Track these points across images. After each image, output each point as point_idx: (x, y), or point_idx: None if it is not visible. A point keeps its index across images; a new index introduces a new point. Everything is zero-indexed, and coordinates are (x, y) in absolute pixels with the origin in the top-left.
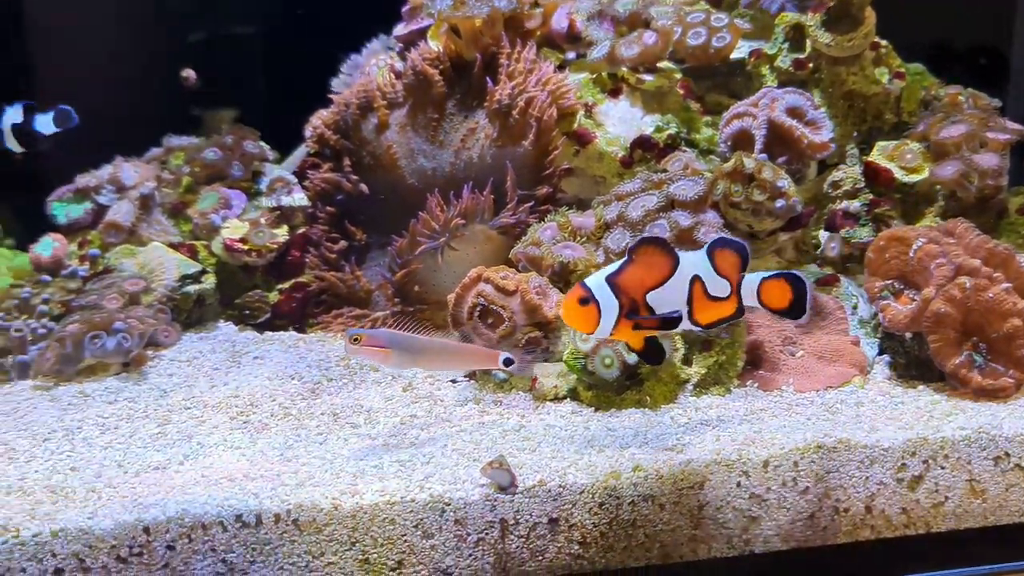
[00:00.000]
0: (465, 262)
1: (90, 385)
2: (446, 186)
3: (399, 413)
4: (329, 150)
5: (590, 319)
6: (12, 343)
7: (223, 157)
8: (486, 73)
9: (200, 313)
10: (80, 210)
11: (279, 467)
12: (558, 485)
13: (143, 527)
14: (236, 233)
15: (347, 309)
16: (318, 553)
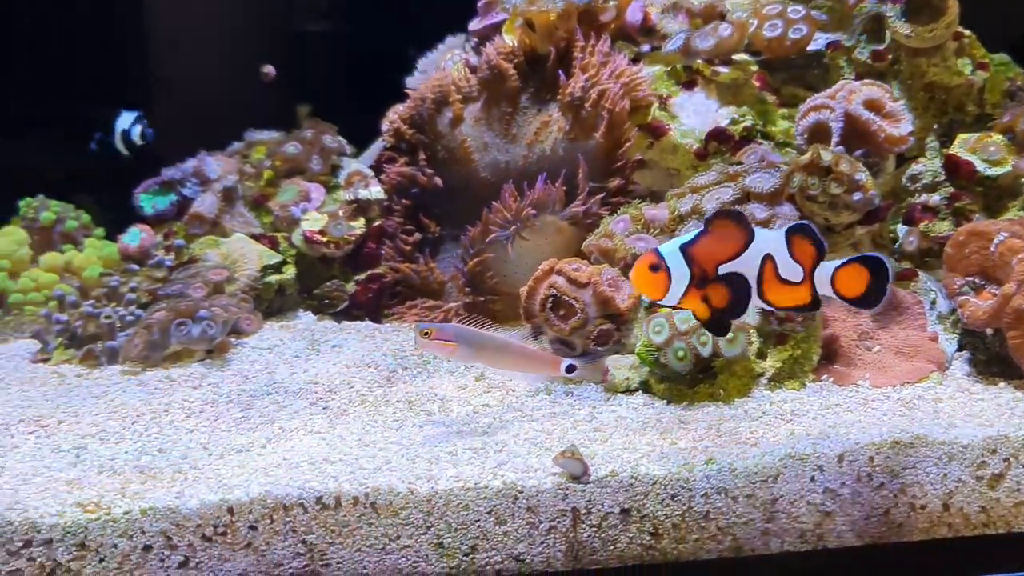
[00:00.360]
0: (536, 253)
1: (176, 370)
2: (519, 179)
3: (472, 402)
4: (405, 144)
5: (659, 286)
6: (102, 329)
7: (303, 151)
8: (560, 66)
9: (281, 302)
10: (166, 202)
11: (357, 451)
12: (630, 476)
13: (227, 507)
14: (315, 225)
15: (420, 300)
16: (394, 536)
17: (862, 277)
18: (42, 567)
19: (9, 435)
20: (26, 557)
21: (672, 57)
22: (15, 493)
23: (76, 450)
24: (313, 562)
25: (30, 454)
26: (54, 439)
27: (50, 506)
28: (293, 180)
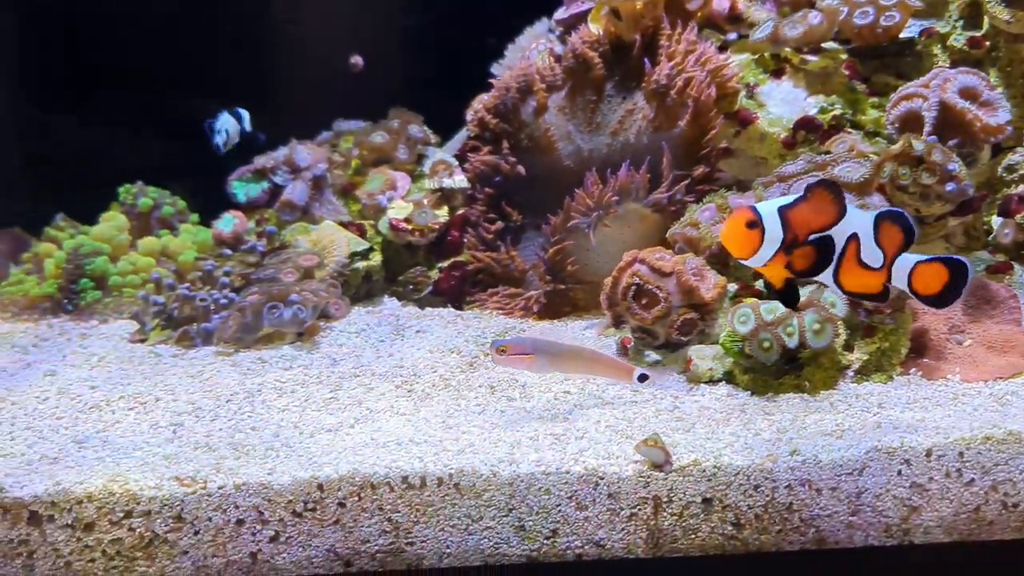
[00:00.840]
0: (619, 241)
1: (267, 352)
2: (602, 168)
3: (553, 389)
4: (489, 133)
5: (750, 244)
6: (197, 312)
7: (389, 141)
8: (645, 55)
9: (367, 288)
10: (258, 189)
11: (441, 434)
12: (713, 466)
13: (317, 484)
14: (401, 213)
15: (502, 288)
16: (477, 517)
17: (941, 277)
18: (141, 537)
19: (110, 411)
20: (126, 527)
21: (759, 45)
22: (116, 466)
23: (173, 426)
24: (398, 540)
25: (130, 429)
26: (152, 415)
27: (149, 479)
28: (380, 169)
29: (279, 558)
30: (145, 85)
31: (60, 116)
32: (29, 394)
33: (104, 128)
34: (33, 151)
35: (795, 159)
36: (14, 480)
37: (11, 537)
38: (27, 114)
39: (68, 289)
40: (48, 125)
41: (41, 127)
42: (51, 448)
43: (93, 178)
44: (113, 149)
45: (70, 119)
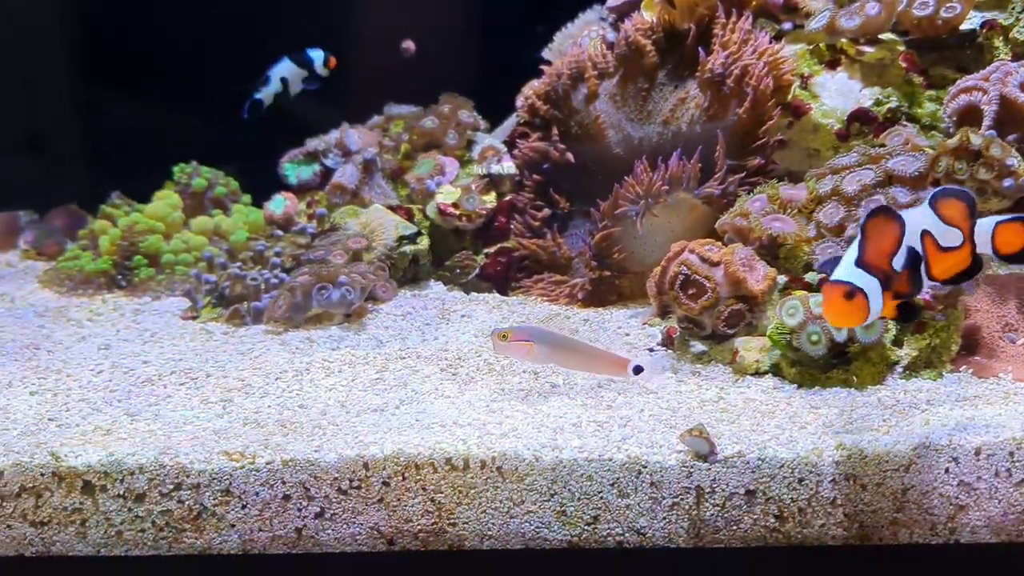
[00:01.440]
0: (667, 230)
1: (315, 332)
2: (653, 156)
3: (598, 376)
4: (539, 120)
5: (861, 310)
6: (248, 290)
7: (439, 126)
8: (699, 43)
9: (414, 272)
10: (309, 172)
11: (485, 417)
12: (757, 458)
13: (363, 463)
14: (449, 198)
15: (547, 275)
16: (519, 501)
17: (1021, 234)
18: (190, 510)
19: (162, 385)
20: (176, 500)
21: (815, 36)
22: (167, 439)
23: (223, 402)
24: (441, 520)
25: (181, 404)
26: (203, 391)
27: (199, 453)
28: (429, 154)
29: (324, 534)
30: (201, 66)
31: (117, 96)
32: (84, 367)
33: (160, 108)
34: (89, 130)
35: (848, 151)
36: (69, 450)
37: (65, 505)
38: (85, 94)
39: (122, 265)
40: (105, 105)
41: (98, 107)
42: (104, 420)
43: (148, 157)
44: (168, 129)
45: (127, 99)
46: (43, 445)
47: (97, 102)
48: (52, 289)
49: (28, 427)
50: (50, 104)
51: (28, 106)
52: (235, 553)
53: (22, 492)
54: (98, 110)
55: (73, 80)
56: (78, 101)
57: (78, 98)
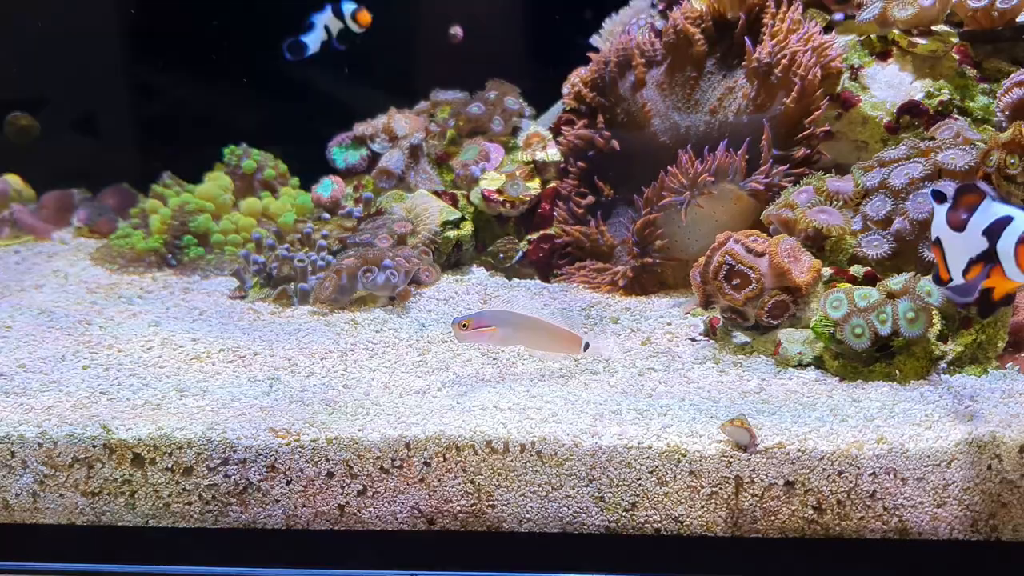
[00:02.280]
0: (711, 220)
1: (360, 314)
2: (699, 145)
3: (637, 365)
4: (585, 106)
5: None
6: (295, 272)
7: (485, 112)
8: (748, 33)
9: (457, 257)
10: (356, 156)
11: (525, 402)
12: (797, 449)
13: (405, 443)
14: (493, 184)
15: (590, 262)
16: (557, 485)
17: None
18: (236, 484)
19: (211, 362)
20: (222, 474)
21: (867, 26)
22: (215, 415)
23: (270, 380)
24: (480, 502)
25: (229, 381)
26: (250, 369)
27: (245, 429)
28: (475, 140)
29: (366, 512)
30: (252, 50)
31: (169, 78)
32: (134, 342)
33: (211, 91)
34: (141, 111)
35: (897, 144)
36: (120, 423)
37: (115, 476)
38: (139, 75)
39: (172, 244)
40: (157, 87)
41: (150, 89)
42: (154, 395)
43: (198, 139)
44: (220, 111)
45: (179, 81)
46: (95, 418)
47: (149, 84)
48: (104, 266)
49: (81, 400)
50: (104, 86)
51: (82, 88)
52: (279, 528)
53: (75, 463)
54: (150, 92)
55: (127, 63)
56: (131, 83)
57: (131, 80)
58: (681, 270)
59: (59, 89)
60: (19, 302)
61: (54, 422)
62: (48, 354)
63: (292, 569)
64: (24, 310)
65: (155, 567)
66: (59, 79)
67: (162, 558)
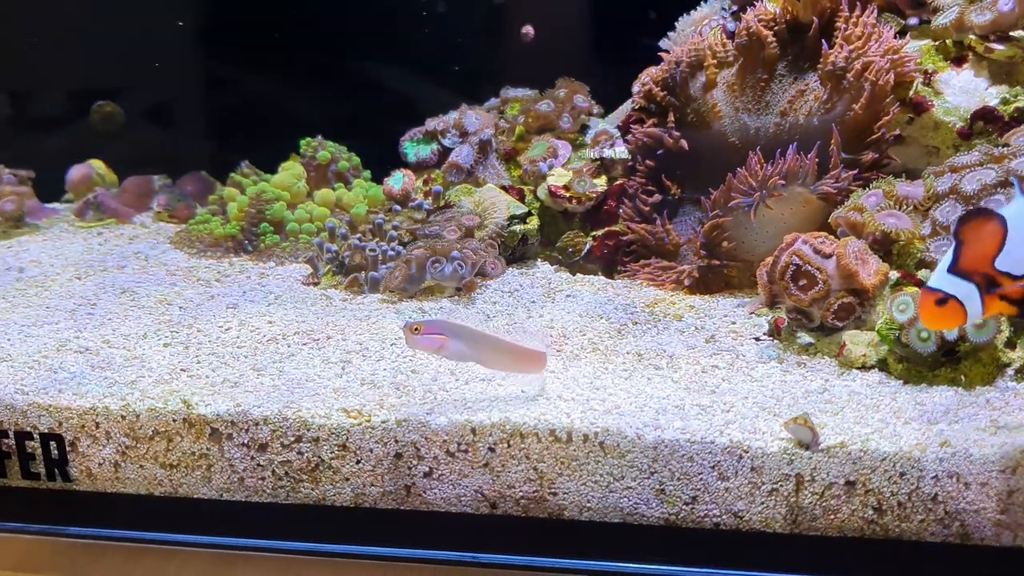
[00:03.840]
0: (778, 222)
1: (427, 303)
2: (768, 147)
3: (700, 362)
4: (655, 106)
5: (956, 313)
6: (366, 261)
7: (554, 109)
8: (822, 36)
9: (523, 251)
10: (427, 150)
11: (589, 393)
12: (859, 449)
13: (471, 428)
14: (560, 180)
15: (655, 260)
16: (619, 476)
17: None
18: (308, 461)
19: (286, 344)
20: (296, 451)
21: (942, 31)
22: (290, 394)
23: (342, 363)
24: (542, 489)
25: (303, 362)
26: (324, 351)
27: (319, 408)
28: (543, 136)
29: (431, 493)
30: (331, 47)
31: (249, 71)
32: (213, 323)
33: (289, 85)
34: (220, 102)
35: (970, 150)
36: (199, 399)
37: (194, 450)
38: (218, 68)
39: (249, 231)
40: (237, 79)
41: (230, 81)
42: (232, 373)
43: (275, 130)
44: (296, 105)
45: (258, 74)
46: (176, 393)
47: (229, 77)
48: (183, 250)
49: (162, 376)
50: (185, 77)
51: (164, 79)
52: (347, 505)
53: (155, 436)
54: (229, 85)
55: (209, 56)
56: (211, 76)
57: (211, 73)
58: (746, 270)
59: (142, 79)
60: (102, 282)
61: (137, 396)
62: (131, 331)
63: (359, 547)
64: (108, 289)
65: (228, 539)
66: (143, 70)
67: (235, 531)
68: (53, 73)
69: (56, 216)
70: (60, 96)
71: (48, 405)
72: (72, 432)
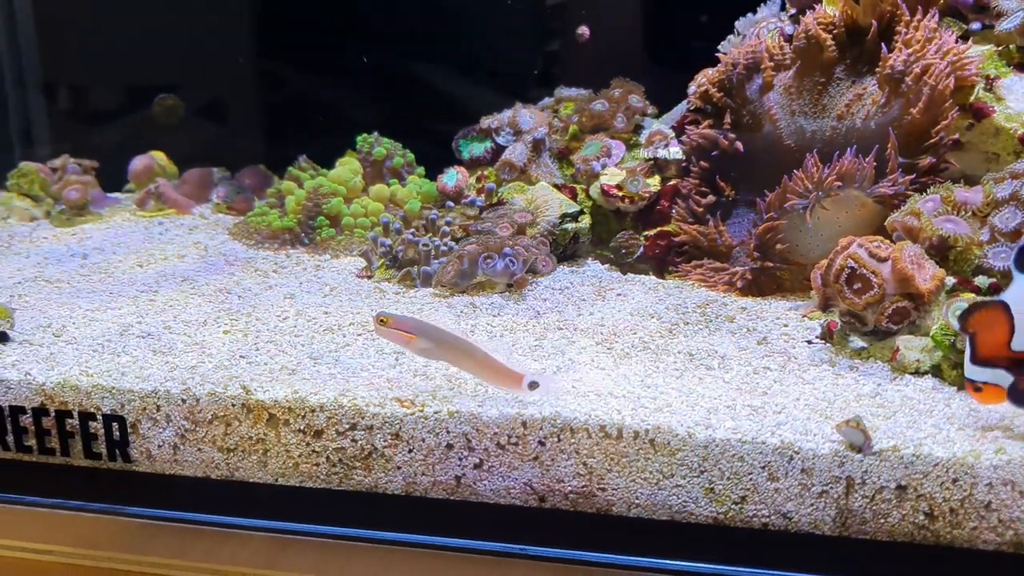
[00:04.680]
0: (835, 226)
1: (478, 299)
2: (824, 150)
3: (752, 363)
4: (711, 107)
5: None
6: (419, 255)
7: (608, 109)
8: (881, 40)
9: (574, 249)
10: (481, 148)
11: (639, 391)
12: (912, 454)
13: (522, 421)
14: (613, 180)
15: (707, 261)
16: (668, 474)
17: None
18: (361, 449)
19: (341, 334)
20: (350, 438)
21: (1006, 37)
22: (346, 383)
23: (395, 354)
24: (591, 484)
25: (358, 352)
26: (378, 342)
27: (373, 398)
28: (597, 136)
29: (480, 484)
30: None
31: (306, 69)
32: (271, 312)
33: (348, 82)
34: (278, 98)
35: None
36: (258, 385)
37: (251, 435)
38: (276, 66)
39: (306, 224)
40: (294, 77)
41: (288, 78)
42: (290, 361)
43: (331, 126)
44: (353, 102)
45: (316, 72)
46: (235, 379)
47: (287, 74)
48: (241, 241)
49: (222, 361)
50: (245, 74)
51: (225, 74)
52: (398, 494)
53: (214, 420)
54: (287, 81)
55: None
56: (269, 72)
57: (269, 69)
58: (799, 273)
59: (202, 76)
60: (163, 270)
61: (197, 380)
62: (191, 318)
63: (409, 535)
64: (168, 277)
65: (282, 523)
66: (203, 67)
67: (288, 515)
68: (115, 69)
69: (118, 205)
70: (121, 90)
71: (111, 387)
72: (134, 414)
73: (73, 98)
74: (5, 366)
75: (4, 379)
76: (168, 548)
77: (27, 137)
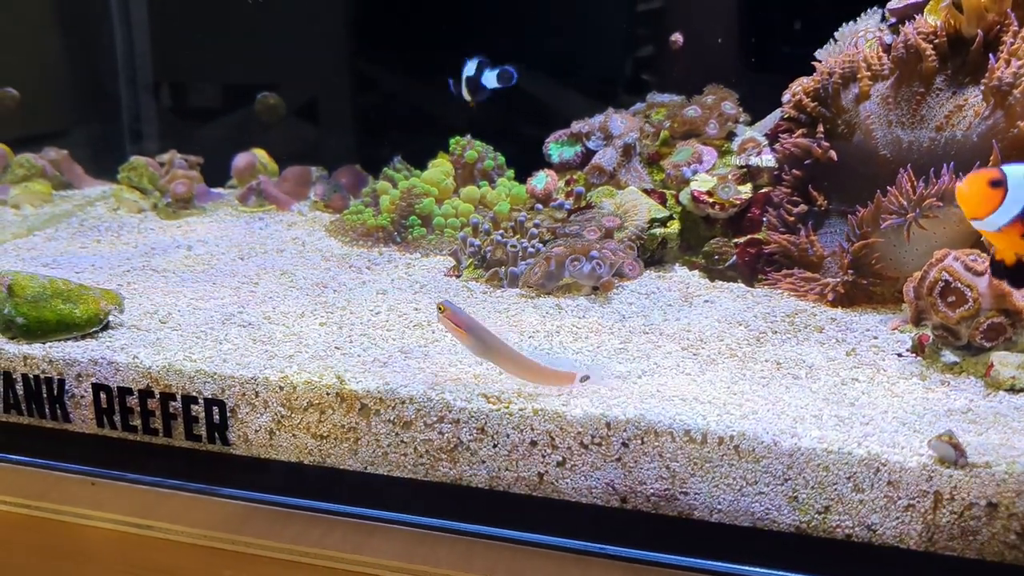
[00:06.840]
0: (929, 240)
1: (564, 300)
2: (920, 161)
3: (840, 374)
4: (805, 116)
5: (988, 203)
6: (508, 256)
7: (701, 115)
8: (986, 51)
9: (662, 254)
10: (571, 152)
11: (725, 397)
12: (1004, 471)
13: (606, 422)
14: (704, 186)
15: (797, 270)
16: (752, 481)
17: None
18: (448, 441)
19: (431, 330)
20: (437, 431)
21: None
22: (435, 377)
23: None
24: (673, 487)
25: (447, 348)
26: None
27: (461, 393)
28: (688, 142)
29: (562, 482)
30: (483, 51)
31: (402, 72)
32: (364, 307)
33: (441, 86)
34: (373, 100)
35: None
36: (351, 375)
37: (344, 423)
38: (372, 69)
39: (399, 223)
40: (389, 80)
41: (384, 81)
42: (381, 354)
43: (424, 128)
44: (447, 105)
45: (411, 75)
46: (330, 369)
47: (382, 78)
48: (337, 238)
49: (317, 352)
50: (343, 76)
51: (325, 76)
52: (482, 487)
53: (309, 407)
54: (382, 84)
55: (362, 57)
56: (365, 76)
57: (365, 73)
58: (891, 285)
59: (301, 77)
60: (263, 263)
61: (294, 369)
62: (289, 310)
63: (491, 528)
64: (268, 270)
65: (369, 510)
66: (303, 68)
67: (375, 503)
68: (219, 68)
69: (220, 200)
70: (225, 89)
71: (213, 373)
72: (233, 399)
73: (180, 96)
74: (114, 349)
75: (113, 361)
76: (260, 529)
77: (137, 134)
